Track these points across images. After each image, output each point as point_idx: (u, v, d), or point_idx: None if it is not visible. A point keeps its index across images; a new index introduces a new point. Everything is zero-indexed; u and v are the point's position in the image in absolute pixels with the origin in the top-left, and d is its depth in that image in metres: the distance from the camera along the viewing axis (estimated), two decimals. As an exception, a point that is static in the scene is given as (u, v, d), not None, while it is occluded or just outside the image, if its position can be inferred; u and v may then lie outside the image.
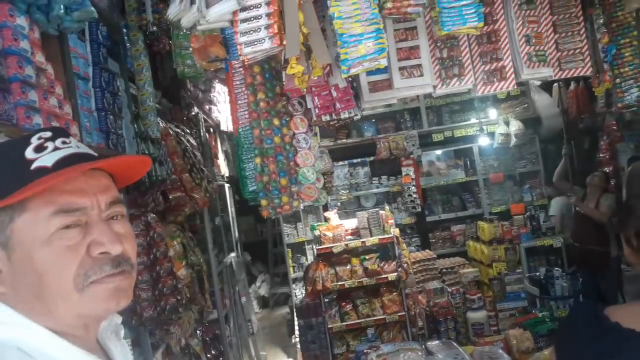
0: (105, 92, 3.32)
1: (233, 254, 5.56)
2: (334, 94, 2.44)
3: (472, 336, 4.45)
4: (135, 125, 3.79)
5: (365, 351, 2.11)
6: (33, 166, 0.79)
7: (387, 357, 1.91)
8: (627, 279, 4.64)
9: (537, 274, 4.97)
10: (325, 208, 6.45)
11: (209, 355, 3.98)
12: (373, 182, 7.47)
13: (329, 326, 4.54)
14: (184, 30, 3.72)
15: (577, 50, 2.73)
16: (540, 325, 4.10)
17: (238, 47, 2.02)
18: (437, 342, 2.32)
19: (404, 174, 6.99)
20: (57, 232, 0.78)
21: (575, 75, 2.80)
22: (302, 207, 2.71)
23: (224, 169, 5.69)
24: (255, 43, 1.98)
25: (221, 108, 5.65)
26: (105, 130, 3.22)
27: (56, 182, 0.78)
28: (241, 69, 2.57)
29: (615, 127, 5.83)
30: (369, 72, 2.52)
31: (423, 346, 2.11)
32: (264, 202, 2.57)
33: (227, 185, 5.81)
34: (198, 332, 3.85)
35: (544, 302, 4.75)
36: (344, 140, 7.31)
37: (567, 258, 5.28)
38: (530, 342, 2.85)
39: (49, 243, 0.77)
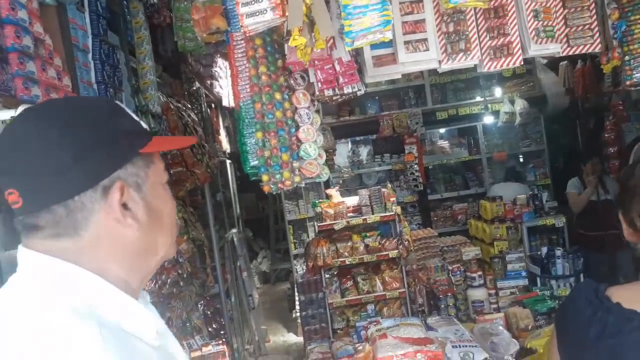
0: (105, 64, 3.28)
1: (234, 230, 5.57)
2: (337, 67, 2.39)
3: (472, 313, 4.47)
4: (136, 99, 3.76)
5: (365, 326, 2.11)
6: (144, 126, 0.90)
7: (387, 332, 1.91)
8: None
9: (539, 253, 4.97)
10: (327, 185, 6.43)
11: (209, 329, 4.01)
12: (375, 160, 7.44)
13: (330, 301, 4.56)
14: (185, 2, 3.67)
15: (586, 26, 2.66)
16: (540, 303, 4.10)
17: (239, 18, 1.98)
18: (437, 317, 2.32)
19: (406, 152, 6.95)
20: (167, 184, 0.92)
21: (583, 51, 2.74)
22: (303, 184, 2.69)
23: (225, 145, 5.66)
24: (257, 14, 1.94)
25: (223, 83, 5.59)
26: (105, 103, 3.18)
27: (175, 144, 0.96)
28: (242, 42, 2.52)
29: (621, 107, 5.77)
30: (374, 46, 2.47)
31: (423, 321, 2.11)
32: (265, 178, 2.55)
33: (228, 162, 5.79)
34: (199, 306, 3.88)
35: (544, 281, 4.75)
36: (347, 118, 7.26)
37: (570, 240, 5.28)
38: (530, 320, 2.86)
39: (167, 190, 0.91)
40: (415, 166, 6.90)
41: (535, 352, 1.88)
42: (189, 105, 4.79)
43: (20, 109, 1.88)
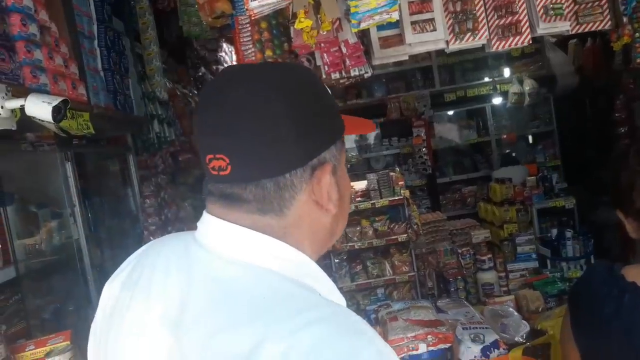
0: (111, 51, 3.28)
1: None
2: (344, 50, 2.36)
3: (482, 296, 4.47)
4: (142, 86, 3.76)
5: (375, 308, 2.12)
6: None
7: (397, 314, 1.91)
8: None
9: (549, 235, 4.95)
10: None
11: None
12: (383, 143, 7.39)
13: (339, 286, 4.58)
14: (190, -13, 3.64)
15: (596, 3, 2.62)
16: (550, 285, 4.09)
17: (244, 1, 1.96)
18: (447, 300, 2.32)
19: (414, 134, 6.91)
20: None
21: (593, 29, 2.69)
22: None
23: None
24: (262, -4, 1.92)
25: (229, 69, 5.57)
26: (112, 90, 3.19)
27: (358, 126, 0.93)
28: (248, 25, 2.50)
29: (632, 86, 5.68)
30: (380, 27, 2.44)
31: (433, 304, 2.11)
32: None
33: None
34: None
35: (555, 263, 4.74)
36: (354, 101, 7.21)
37: (580, 221, 5.25)
38: (541, 302, 2.84)
39: (346, 172, 0.86)
40: (424, 149, 6.86)
41: (546, 334, 1.87)
42: (195, 91, 4.79)
43: (31, 97, 1.89)
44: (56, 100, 1.81)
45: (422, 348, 1.76)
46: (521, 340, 1.91)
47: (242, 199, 0.75)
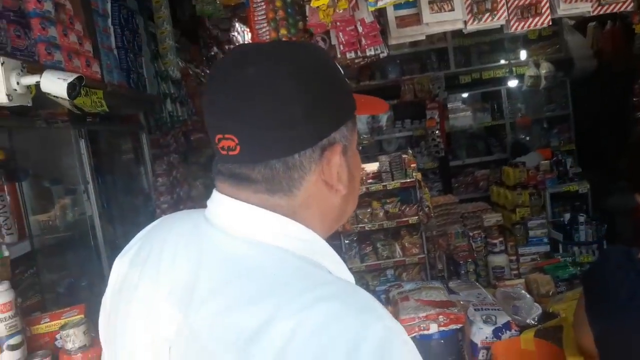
0: (125, 29, 3.27)
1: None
2: (360, 29, 2.33)
3: (492, 279, 4.47)
4: (155, 65, 3.75)
5: (386, 288, 2.13)
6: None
7: (408, 294, 1.92)
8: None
9: (562, 219, 4.91)
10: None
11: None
12: (396, 125, 7.35)
13: (349, 266, 4.57)
14: (204, -36, 3.60)
15: (619, -17, 2.56)
16: (562, 269, 4.07)
17: (260, -23, 1.93)
18: (459, 281, 2.32)
19: (428, 117, 6.86)
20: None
21: (615, 10, 2.62)
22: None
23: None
24: (278, -27, 1.89)
25: (242, 48, 5.54)
26: (126, 69, 3.18)
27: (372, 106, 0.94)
28: (263, 3, 2.47)
29: (652, 70, 5.57)
30: (397, 6, 2.40)
31: (445, 285, 2.11)
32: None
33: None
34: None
35: (567, 248, 4.72)
36: (367, 82, 7.16)
37: (593, 206, 5.20)
38: (551, 286, 2.83)
39: (358, 153, 0.86)
40: (437, 132, 6.81)
41: (558, 316, 1.87)
42: (208, 71, 4.77)
43: (46, 73, 1.89)
44: (71, 77, 1.81)
45: (434, 328, 1.76)
46: (533, 322, 1.91)
47: (250, 179, 0.74)
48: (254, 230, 0.74)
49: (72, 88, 1.80)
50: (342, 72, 0.82)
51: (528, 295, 2.07)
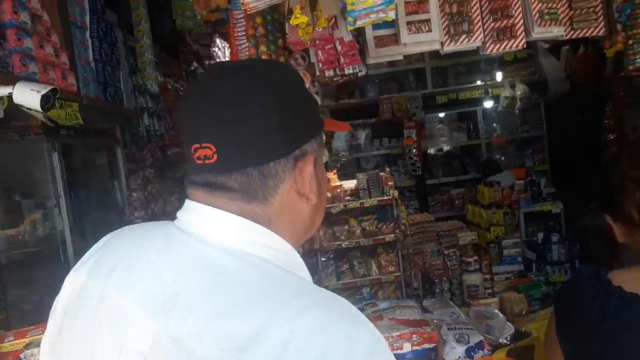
0: (103, 42, 3.25)
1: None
2: (339, 47, 2.36)
3: (466, 298, 4.50)
4: (134, 78, 3.73)
5: (361, 307, 2.12)
6: None
7: (382, 313, 1.91)
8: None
9: (535, 238, 4.98)
10: (325, 169, 6.39)
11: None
12: (374, 143, 7.41)
13: (325, 284, 4.57)
14: (184, -20, 3.61)
15: (591, 9, 2.63)
16: (535, 289, 4.12)
17: (240, -5, 1.94)
18: (433, 300, 2.32)
19: (405, 135, 6.92)
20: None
21: (587, 35, 2.71)
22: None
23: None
24: (258, -9, 1.90)
25: (221, 64, 5.55)
26: (103, 82, 3.16)
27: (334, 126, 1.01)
28: (243, 20, 2.48)
29: (622, 93, 5.74)
30: (376, 26, 2.43)
31: (419, 304, 2.11)
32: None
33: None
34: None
35: (540, 267, 4.78)
36: (346, 101, 7.22)
37: (566, 226, 5.28)
38: (525, 305, 2.86)
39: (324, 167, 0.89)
40: (414, 150, 6.88)
41: (530, 336, 1.88)
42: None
43: (19, 85, 1.86)
44: (45, 89, 1.78)
45: (407, 347, 1.76)
46: (506, 341, 1.92)
47: (227, 187, 0.76)
48: (233, 239, 0.75)
49: (45, 100, 1.78)
50: (321, 91, 0.90)
51: (501, 315, 2.09)
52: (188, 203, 0.79)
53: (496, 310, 2.16)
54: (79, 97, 2.77)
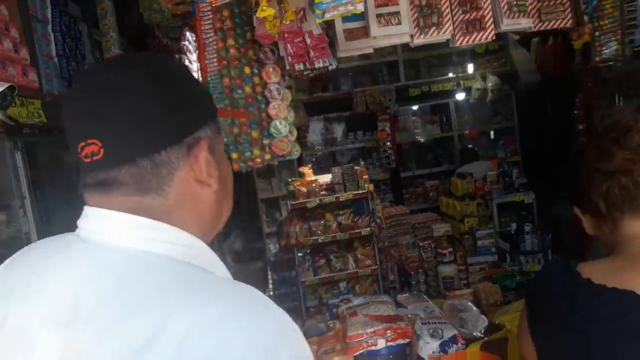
0: (66, 36, 3.14)
1: (205, 209, 5.49)
2: (308, 41, 2.32)
3: (442, 289, 4.53)
4: (100, 73, 3.63)
5: (336, 303, 2.11)
6: None
7: (357, 310, 1.90)
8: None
9: (508, 229, 5.04)
10: (300, 163, 6.38)
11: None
12: (349, 137, 7.40)
13: (302, 280, 4.56)
14: (150, -28, 3.52)
15: (558, 1, 2.65)
16: (509, 279, 4.17)
17: (205, -13, 1.89)
18: (407, 294, 2.33)
19: (379, 129, 6.93)
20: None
21: (555, 27, 2.73)
22: (276, 163, 2.64)
23: (196, 121, 5.53)
24: (223, -17, 1.85)
25: (192, 58, 5.43)
26: (67, 78, 3.06)
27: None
28: (210, 13, 2.43)
29: (590, 84, 5.83)
30: (345, 19, 2.41)
31: (393, 298, 2.11)
32: (234, 156, 2.49)
33: (199, 138, 5.66)
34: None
35: (514, 257, 4.83)
36: (320, 94, 7.18)
37: (539, 216, 5.35)
38: (499, 295, 2.89)
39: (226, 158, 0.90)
40: (388, 143, 6.89)
41: (503, 328, 1.89)
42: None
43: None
44: (1, 87, 1.71)
45: (381, 343, 1.75)
46: (480, 334, 1.93)
47: (118, 182, 0.75)
48: (132, 240, 0.74)
49: (2, 98, 1.70)
50: (198, 82, 0.91)
51: (474, 308, 2.09)
52: (86, 209, 0.78)
53: (470, 304, 2.17)
54: (42, 93, 2.68)
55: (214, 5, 2.02)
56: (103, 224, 0.75)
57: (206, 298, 0.67)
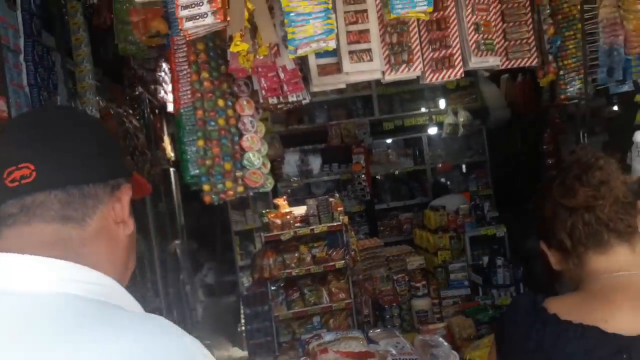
0: (39, 66, 3.11)
1: (177, 242, 5.41)
2: (282, 75, 2.35)
3: (416, 323, 4.51)
4: (73, 104, 3.59)
5: (306, 340, 2.07)
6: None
7: (328, 346, 1.87)
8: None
9: (481, 262, 5.08)
10: (275, 195, 6.36)
11: (149, 345, 3.85)
12: (324, 169, 7.44)
13: (275, 314, 4.49)
14: (126, 4, 3.54)
15: (524, 41, 2.75)
16: (482, 312, 4.19)
17: (179, 21, 1.91)
18: (379, 330, 2.30)
19: (354, 161, 6.98)
20: None
21: (521, 65, 2.82)
22: (251, 194, 2.63)
23: (170, 152, 5.51)
24: (197, 17, 1.87)
25: (167, 88, 5.43)
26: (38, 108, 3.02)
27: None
28: (184, 46, 2.44)
29: (558, 120, 6.01)
30: (318, 55, 2.44)
31: (365, 334, 2.09)
32: (206, 187, 2.46)
33: (172, 170, 5.63)
34: (138, 320, 3.72)
35: (486, 290, 4.86)
36: (296, 126, 7.23)
37: (510, 249, 5.40)
38: (472, 329, 2.90)
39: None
40: (363, 176, 6.94)
41: (475, 363, 1.89)
42: (131, 111, 4.63)
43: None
44: (-33, 116, 1.67)
45: (353, 380, 1.72)
46: (451, 370, 1.91)
47: (45, 206, 0.77)
48: (41, 282, 0.74)
49: (-34, 128, 1.66)
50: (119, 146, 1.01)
51: (445, 343, 2.09)
52: None
53: (441, 339, 2.16)
54: (10, 123, 2.63)
55: (188, 38, 2.03)
56: (9, 270, 0.75)
57: (113, 332, 0.68)
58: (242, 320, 5.20)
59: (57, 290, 0.73)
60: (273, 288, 4.55)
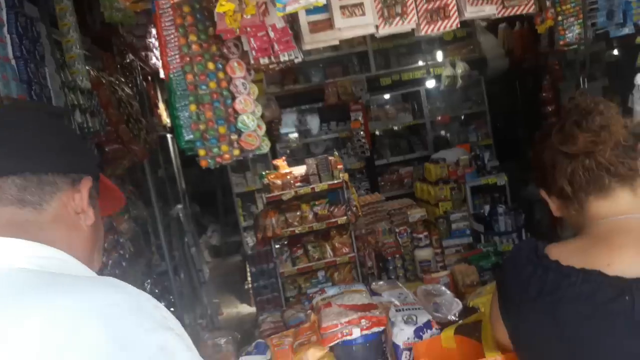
0: (24, 38, 3.05)
1: (180, 206, 5.44)
2: (272, 34, 2.29)
3: (419, 273, 4.59)
4: (62, 75, 3.53)
5: (310, 295, 2.11)
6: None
7: (331, 300, 1.91)
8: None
9: (482, 211, 5.11)
10: (274, 156, 6.36)
11: (158, 308, 3.93)
12: (322, 128, 7.41)
13: (281, 271, 4.57)
14: (109, -32, 3.44)
15: (520, -14, 2.67)
16: (484, 259, 4.25)
17: (162, -17, 1.85)
18: (381, 282, 2.34)
19: (352, 119, 6.95)
20: None
21: (518, 13, 2.75)
22: (250, 156, 2.62)
23: (165, 118, 5.47)
24: (181, -22, 1.82)
25: (159, 55, 5.35)
26: (26, 80, 2.97)
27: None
28: (170, 9, 2.38)
29: (557, 67, 5.93)
30: (309, 11, 2.39)
31: (368, 287, 2.12)
32: (201, 152, 2.45)
33: (169, 136, 5.60)
34: (146, 285, 3.79)
35: (488, 238, 4.91)
36: (292, 86, 7.16)
37: (512, 197, 5.43)
38: (475, 276, 2.93)
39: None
40: (362, 133, 6.92)
41: (477, 311, 1.92)
42: (123, 79, 4.57)
43: None
44: (-46, 92, 1.65)
45: (356, 333, 1.76)
46: (454, 318, 1.95)
47: (2, 189, 0.81)
48: None
49: (-44, 105, 1.65)
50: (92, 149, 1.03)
51: (448, 292, 2.12)
52: None
53: (443, 288, 2.19)
54: None
55: (173, 1, 1.98)
56: None
57: (58, 291, 0.70)
58: (249, 278, 5.29)
59: (10, 266, 0.75)
60: (277, 246, 4.62)
